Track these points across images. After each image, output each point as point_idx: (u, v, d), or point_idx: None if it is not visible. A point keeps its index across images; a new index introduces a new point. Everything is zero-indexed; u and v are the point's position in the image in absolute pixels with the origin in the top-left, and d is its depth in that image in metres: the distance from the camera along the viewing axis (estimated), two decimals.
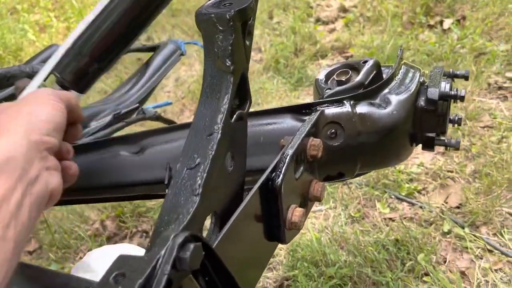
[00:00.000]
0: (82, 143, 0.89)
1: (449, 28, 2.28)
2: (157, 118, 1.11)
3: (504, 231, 1.28)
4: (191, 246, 0.38)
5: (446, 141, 0.80)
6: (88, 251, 1.52)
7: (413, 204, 1.43)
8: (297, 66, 2.35)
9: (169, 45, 1.27)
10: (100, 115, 1.01)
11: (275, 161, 0.59)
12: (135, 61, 2.89)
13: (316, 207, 1.52)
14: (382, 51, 2.24)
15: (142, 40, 3.13)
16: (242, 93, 0.52)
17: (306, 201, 0.66)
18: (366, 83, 0.75)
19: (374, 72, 0.77)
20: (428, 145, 0.79)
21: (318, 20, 2.77)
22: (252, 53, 2.70)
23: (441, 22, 2.37)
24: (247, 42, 0.57)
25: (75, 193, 0.75)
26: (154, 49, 1.26)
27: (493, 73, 1.92)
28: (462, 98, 0.76)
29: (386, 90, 0.75)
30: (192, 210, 0.43)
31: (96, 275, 0.53)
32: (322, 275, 1.20)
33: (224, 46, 0.48)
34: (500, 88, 1.87)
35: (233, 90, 0.49)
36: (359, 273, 1.20)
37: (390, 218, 1.39)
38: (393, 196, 1.47)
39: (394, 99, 0.74)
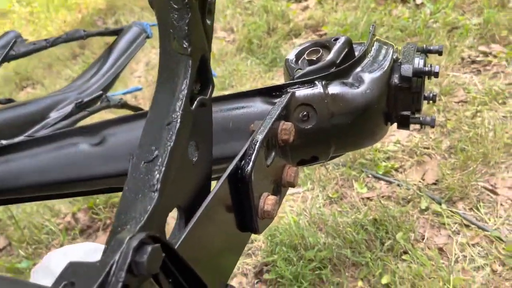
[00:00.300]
0: (39, 135, 0.84)
1: (422, 3, 2.26)
2: (123, 105, 1.06)
3: (480, 206, 1.29)
4: (149, 248, 0.34)
5: (421, 119, 0.78)
6: (68, 243, 1.46)
7: (390, 183, 1.42)
8: (270, 46, 2.30)
9: (133, 28, 1.21)
10: (61, 104, 0.95)
11: (244, 148, 0.56)
12: (104, 45, 2.80)
13: (293, 189, 1.50)
14: (356, 28, 2.20)
15: (109, 23, 3.02)
16: (203, 77, 0.48)
17: (280, 187, 0.63)
18: (338, 61, 0.72)
19: (346, 50, 0.74)
20: (403, 124, 0.77)
21: None
22: (225, 34, 2.63)
23: None
24: (208, 22, 0.53)
25: (32, 189, 0.71)
26: (117, 32, 1.19)
27: (466, 47, 1.92)
28: (436, 74, 0.74)
29: (359, 69, 0.73)
30: (150, 207, 0.39)
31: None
32: (302, 258, 1.18)
33: (180, 26, 0.44)
34: (473, 62, 1.86)
35: (192, 74, 0.45)
36: (339, 255, 1.19)
37: (368, 198, 1.38)
38: (370, 175, 1.45)
39: (367, 77, 0.71)
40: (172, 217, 0.45)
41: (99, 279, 0.32)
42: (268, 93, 0.70)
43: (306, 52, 0.76)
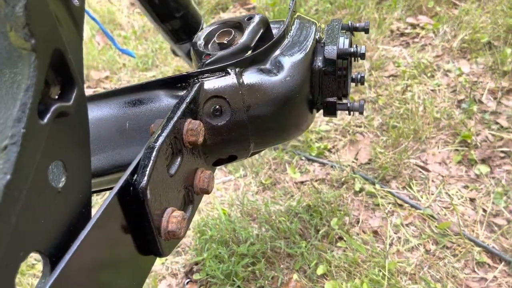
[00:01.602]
0: None
1: None
2: None
3: (412, 183, 1.27)
4: None
5: (349, 105, 0.71)
6: None
7: (324, 164, 1.37)
8: None
9: None
10: None
11: (136, 159, 0.45)
12: None
13: (225, 176, 1.41)
14: (285, 1, 2.11)
15: None
16: (63, 78, 0.36)
17: (191, 196, 0.54)
18: (253, 44, 0.63)
19: (262, 30, 0.65)
20: (330, 111, 0.70)
21: None
22: None
23: None
24: (75, 1, 0.41)
25: None
26: None
27: (395, 20, 1.89)
28: (362, 56, 0.66)
29: (278, 52, 0.64)
30: None
31: None
32: (233, 255, 1.10)
33: (16, 10, 0.32)
34: (402, 34, 1.84)
35: (40, 76, 0.33)
36: (272, 247, 1.12)
37: (302, 182, 1.32)
38: (303, 158, 1.39)
39: (287, 62, 0.63)
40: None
41: None
42: (173, 84, 0.60)
43: (216, 34, 0.65)
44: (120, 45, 2.18)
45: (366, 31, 0.73)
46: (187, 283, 1.11)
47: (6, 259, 0.30)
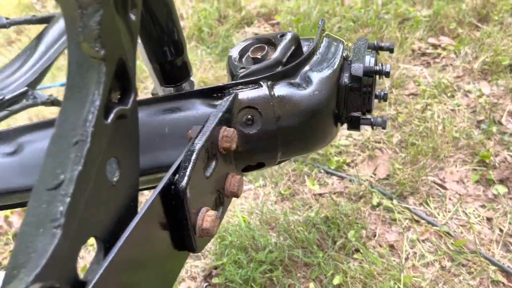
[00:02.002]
0: None
1: None
2: (53, 102, 0.96)
3: (429, 200, 1.29)
4: None
5: (372, 120, 0.74)
6: (0, 248, 1.34)
7: (342, 178, 1.40)
8: (221, 34, 2.22)
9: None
10: None
11: (178, 160, 0.49)
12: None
13: (245, 185, 1.45)
14: (309, 18, 2.16)
15: (49, 7, 2.83)
16: (123, 84, 0.41)
17: (222, 198, 0.58)
18: (284, 60, 0.67)
19: (293, 47, 0.69)
20: (354, 126, 0.73)
21: None
22: None
23: None
24: (132, 17, 0.45)
25: None
26: (47, 20, 1.08)
27: (417, 39, 1.92)
28: (387, 74, 0.70)
29: (307, 67, 0.68)
30: (52, 247, 0.32)
31: None
32: (252, 261, 1.14)
33: (88, 25, 0.36)
34: (423, 54, 1.87)
35: (107, 81, 0.38)
36: (290, 256, 1.15)
37: (320, 194, 1.35)
38: (322, 171, 1.43)
39: (316, 77, 0.66)
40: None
41: None
42: (209, 94, 0.64)
43: (251, 49, 0.70)
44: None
45: (391, 50, 0.77)
46: (206, 286, 1.15)
47: (73, 241, 0.35)
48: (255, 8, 2.41)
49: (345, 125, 0.75)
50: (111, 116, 0.39)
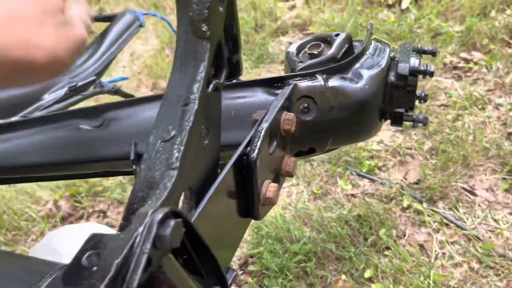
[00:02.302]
0: (37, 116, 0.83)
1: (407, 8, 2.31)
2: (116, 92, 1.05)
3: (459, 206, 1.33)
4: (172, 222, 0.35)
5: (414, 116, 0.81)
6: (49, 231, 1.44)
7: (373, 181, 1.45)
8: (257, 42, 2.32)
9: (127, 15, 1.20)
10: (54, 87, 0.94)
11: (249, 135, 0.57)
12: (97, 29, 2.75)
13: None
14: (343, 29, 2.24)
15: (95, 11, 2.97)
16: (218, 62, 0.49)
17: (278, 177, 0.65)
18: (339, 56, 0.74)
19: (346, 45, 0.76)
20: (397, 121, 0.80)
21: None
22: None
23: (399, 2, 2.40)
24: (220, 9, 0.53)
25: (29, 169, 0.70)
26: (110, 19, 1.18)
27: (449, 53, 1.97)
28: (431, 74, 0.76)
29: (358, 65, 0.74)
30: (170, 184, 0.40)
31: (59, 258, 0.48)
32: (287, 251, 1.20)
33: (199, 9, 0.45)
34: (455, 68, 1.92)
35: (210, 58, 0.46)
36: (323, 249, 1.21)
37: (352, 194, 1.41)
38: (354, 173, 1.49)
39: (366, 73, 0.73)
40: None
41: (124, 250, 0.33)
42: (270, 83, 0.71)
43: (308, 46, 0.77)
44: None
45: (434, 54, 0.83)
46: (241, 274, 1.22)
47: (181, 184, 0.43)
48: (290, 19, 2.51)
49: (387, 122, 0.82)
50: (211, 86, 0.47)
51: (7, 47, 0.36)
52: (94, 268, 0.32)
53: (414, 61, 0.78)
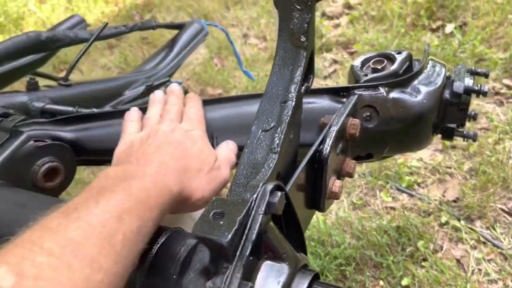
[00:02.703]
0: (124, 108, 0.93)
1: (451, 33, 2.36)
2: (185, 92, 1.15)
3: (496, 226, 1.37)
4: (279, 193, 0.43)
5: (464, 132, 0.87)
6: None
7: (412, 196, 1.50)
8: None
9: (194, 25, 1.30)
10: (133, 85, 1.05)
11: (322, 135, 0.64)
12: (140, 39, 2.91)
13: None
14: (386, 50, 2.30)
15: (146, 19, 3.13)
16: (309, 68, 0.57)
17: (339, 177, 0.72)
18: (400, 72, 0.81)
19: (407, 63, 0.83)
20: (448, 135, 0.86)
21: (323, 14, 2.82)
22: (257, 41, 2.73)
23: (443, 27, 2.45)
24: (314, 24, 0.62)
25: (111, 153, 0.79)
26: (180, 27, 1.29)
27: (491, 79, 2.01)
28: (485, 94, 0.83)
29: (416, 82, 0.81)
30: (272, 165, 0.48)
31: None
32: (328, 254, 1.27)
33: (300, 23, 0.53)
34: (497, 93, 1.96)
35: (305, 64, 0.54)
36: (362, 255, 1.27)
37: (391, 207, 1.46)
38: (393, 187, 1.54)
39: (424, 89, 0.80)
40: None
41: (243, 211, 0.41)
42: (337, 92, 0.79)
43: (372, 61, 0.85)
44: (231, 68, 2.47)
45: (486, 76, 0.90)
46: None
47: (277, 169, 0.51)
48: (334, 37, 2.59)
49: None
50: (303, 88, 0.55)
51: (181, 188, 0.50)
52: (221, 222, 0.40)
53: (468, 81, 0.85)
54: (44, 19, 3.24)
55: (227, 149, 0.64)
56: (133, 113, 0.67)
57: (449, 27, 2.42)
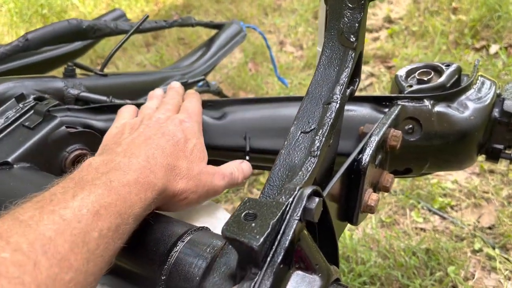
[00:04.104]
0: None
1: (495, 53, 2.28)
2: (219, 93, 1.14)
3: None
4: (317, 199, 0.40)
5: (511, 155, 0.82)
6: None
7: (444, 218, 1.44)
8: None
9: (233, 25, 1.29)
10: (168, 80, 1.04)
11: (361, 144, 0.61)
12: (177, 39, 2.93)
13: None
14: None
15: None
16: (356, 71, 0.54)
17: (375, 191, 0.68)
18: (448, 85, 0.77)
19: (456, 76, 0.79)
20: (493, 156, 0.81)
21: None
22: (293, 49, 2.71)
23: (487, 47, 2.37)
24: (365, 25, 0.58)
25: None
26: (219, 26, 1.28)
27: None
28: None
29: (463, 97, 0.77)
30: (311, 169, 0.45)
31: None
32: (352, 271, 1.22)
33: (351, 22, 0.50)
34: None
35: (353, 65, 0.51)
36: (388, 275, 1.22)
37: (422, 228, 1.40)
38: (425, 208, 1.48)
39: (472, 105, 0.75)
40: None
41: (277, 215, 0.38)
42: (379, 101, 0.76)
43: (418, 72, 0.81)
44: (264, 74, 2.45)
45: None
46: None
47: (315, 173, 0.47)
48: (372, 50, 2.54)
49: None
50: (348, 91, 0.52)
51: (165, 186, 0.48)
52: (253, 224, 0.37)
53: None
54: (86, 14, 3.31)
55: (237, 167, 0.60)
56: (130, 106, 0.65)
57: (494, 48, 2.34)
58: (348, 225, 1.27)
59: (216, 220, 0.60)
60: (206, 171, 0.53)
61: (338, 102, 0.49)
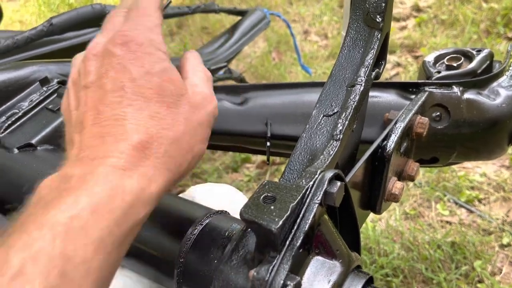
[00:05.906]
0: None
1: None
2: (241, 80, 1.13)
3: None
4: (338, 183, 0.39)
5: None
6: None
7: (472, 212, 1.40)
8: None
9: (257, 12, 1.28)
10: None
11: (386, 130, 0.59)
12: (200, 29, 2.93)
13: None
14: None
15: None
16: (382, 53, 0.52)
17: (400, 179, 0.66)
18: (478, 72, 0.74)
19: (487, 62, 0.76)
20: None
21: None
22: (318, 38, 2.67)
23: None
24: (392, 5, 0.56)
25: None
26: (243, 13, 1.27)
27: None
28: None
29: (495, 83, 0.74)
30: (333, 153, 0.44)
31: None
32: (374, 262, 1.20)
33: (377, 2, 0.48)
34: None
35: (378, 47, 0.49)
36: (412, 268, 1.19)
37: (447, 221, 1.36)
38: (451, 200, 1.44)
39: (504, 92, 0.72)
40: None
41: (297, 198, 0.37)
42: (405, 87, 0.73)
43: (447, 58, 0.78)
44: (288, 64, 2.42)
45: None
46: None
47: (337, 158, 0.46)
48: (399, 39, 2.48)
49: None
50: (373, 74, 0.50)
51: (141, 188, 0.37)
52: (272, 207, 0.36)
53: None
54: (111, 3, 3.35)
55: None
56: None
57: None
58: (371, 216, 1.25)
59: (235, 205, 0.59)
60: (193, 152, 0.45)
61: (363, 84, 0.47)
